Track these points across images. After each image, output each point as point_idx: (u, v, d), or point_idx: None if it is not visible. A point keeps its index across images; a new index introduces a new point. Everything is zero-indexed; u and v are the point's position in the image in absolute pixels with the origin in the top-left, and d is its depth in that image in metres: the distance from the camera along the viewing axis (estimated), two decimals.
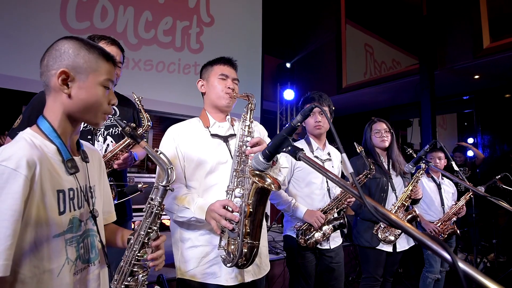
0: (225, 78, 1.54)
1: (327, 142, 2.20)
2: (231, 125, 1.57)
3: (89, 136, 1.64)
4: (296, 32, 7.53)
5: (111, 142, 1.73)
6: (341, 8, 6.67)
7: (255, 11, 6.19)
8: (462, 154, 4.89)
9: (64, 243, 0.90)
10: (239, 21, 5.93)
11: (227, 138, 1.50)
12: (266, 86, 6.47)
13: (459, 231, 2.90)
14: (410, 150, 2.26)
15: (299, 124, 0.84)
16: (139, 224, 0.98)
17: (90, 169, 1.04)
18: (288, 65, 6.78)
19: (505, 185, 2.78)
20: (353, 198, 2.03)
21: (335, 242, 2.09)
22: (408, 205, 2.36)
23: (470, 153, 5.00)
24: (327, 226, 1.98)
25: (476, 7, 4.69)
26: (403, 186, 2.39)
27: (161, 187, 0.96)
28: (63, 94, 0.90)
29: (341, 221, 1.99)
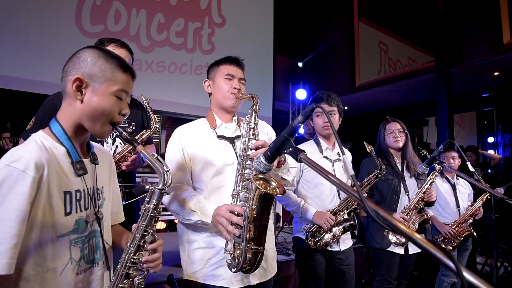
0: (231, 78, 1.51)
1: (336, 143, 2.17)
2: (237, 126, 1.55)
3: (98, 138, 1.67)
4: (308, 31, 7.47)
5: (119, 143, 1.76)
6: (353, 6, 6.57)
7: (267, 11, 6.17)
8: (474, 153, 4.71)
9: (69, 243, 0.92)
10: (251, 21, 5.93)
11: (233, 140, 1.48)
12: (278, 86, 6.44)
13: (476, 234, 2.80)
14: (424, 151, 2.19)
15: (300, 124, 0.82)
16: (136, 227, 0.98)
17: (100, 170, 1.06)
18: (300, 64, 6.73)
19: None
20: None
21: (345, 244, 2.05)
22: (422, 208, 2.29)
23: (491, 151, 4.81)
24: (337, 228, 1.95)
25: (495, 1, 4.52)
26: (417, 188, 2.33)
27: (157, 190, 0.96)
28: (77, 100, 0.93)
29: (351, 223, 1.95)
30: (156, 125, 1.79)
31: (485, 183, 2.84)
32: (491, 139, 6.40)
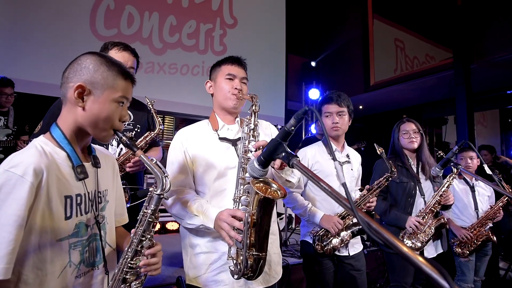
0: (233, 78, 1.47)
1: (345, 144, 2.11)
2: (240, 128, 1.52)
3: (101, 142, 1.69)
4: (321, 29, 7.37)
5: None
6: (367, 3, 6.43)
7: (279, 10, 6.14)
8: (488, 152, 4.45)
9: (68, 247, 0.93)
10: (263, 21, 5.90)
11: (235, 142, 1.45)
12: (291, 86, 6.39)
13: (497, 238, 2.66)
14: (440, 153, 2.09)
15: (293, 128, 0.79)
16: (134, 232, 0.97)
17: (102, 173, 1.06)
18: (313, 63, 6.66)
19: None
20: (373, 203, 1.92)
21: (354, 248, 1.98)
22: (438, 211, 2.20)
23: None
24: (346, 232, 1.89)
25: None
26: (433, 191, 2.23)
27: (155, 195, 0.95)
28: (78, 107, 0.94)
29: (360, 227, 1.89)
30: (160, 127, 1.79)
31: (507, 185, 2.72)
32: None
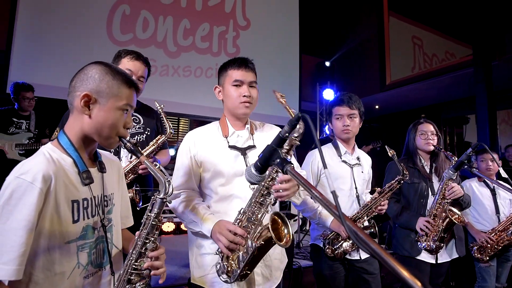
0: (240, 84, 1.43)
1: (356, 146, 2.07)
2: (250, 134, 1.51)
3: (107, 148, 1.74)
4: (335, 29, 7.27)
5: None
6: (383, 0, 6.29)
7: (292, 10, 6.11)
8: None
9: (76, 249, 0.97)
10: (276, 22, 5.89)
11: (245, 151, 1.44)
12: (305, 87, 6.34)
13: None
14: (454, 157, 2.02)
15: (287, 134, 0.78)
16: (138, 234, 1.00)
17: (108, 178, 1.10)
18: (327, 63, 6.58)
19: None
20: (384, 206, 1.88)
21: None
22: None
23: None
24: None
25: None
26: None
27: (159, 199, 0.98)
28: (84, 115, 0.98)
29: (371, 231, 1.85)
30: (171, 130, 1.83)
31: None
32: None
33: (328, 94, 6.26)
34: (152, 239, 1.00)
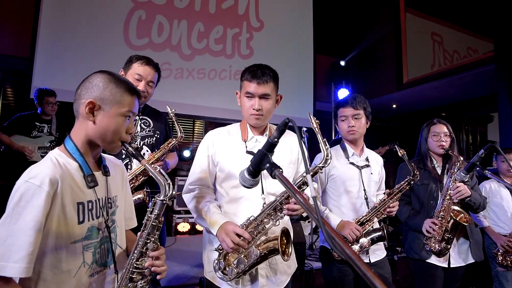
0: (252, 96, 1.47)
1: (365, 147, 2.04)
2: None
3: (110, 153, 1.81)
4: (350, 27, 7.15)
5: (146, 151, 1.86)
6: None
7: (306, 10, 6.07)
8: None
9: (82, 249, 1.02)
10: (289, 22, 5.87)
11: None
12: (320, 87, 6.29)
13: None
14: (460, 158, 1.96)
15: (276, 140, 0.79)
16: (139, 235, 1.04)
17: (112, 181, 1.16)
18: (342, 63, 6.49)
19: None
20: (394, 208, 1.85)
21: (376, 255, 1.92)
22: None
23: None
24: (365, 239, 1.83)
25: None
26: None
27: (159, 201, 1.01)
28: (89, 121, 1.04)
29: (380, 233, 1.82)
30: (181, 135, 1.88)
31: None
32: None
33: (343, 94, 6.18)
34: (153, 239, 1.04)
